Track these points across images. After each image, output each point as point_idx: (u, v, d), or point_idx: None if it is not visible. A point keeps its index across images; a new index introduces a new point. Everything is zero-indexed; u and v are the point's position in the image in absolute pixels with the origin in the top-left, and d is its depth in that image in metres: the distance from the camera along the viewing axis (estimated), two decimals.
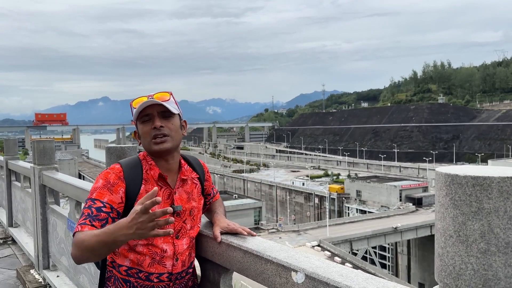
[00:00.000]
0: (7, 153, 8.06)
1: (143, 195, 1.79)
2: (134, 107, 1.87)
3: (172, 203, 1.88)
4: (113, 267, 1.89)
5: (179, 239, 1.90)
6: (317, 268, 1.52)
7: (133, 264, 1.84)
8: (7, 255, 6.78)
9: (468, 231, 1.08)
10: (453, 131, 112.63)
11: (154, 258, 1.84)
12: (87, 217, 1.69)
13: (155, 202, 1.44)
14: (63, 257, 4.71)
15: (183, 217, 1.93)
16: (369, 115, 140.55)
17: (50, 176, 5.14)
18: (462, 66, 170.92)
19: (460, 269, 1.10)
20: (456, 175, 1.10)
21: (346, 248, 44.76)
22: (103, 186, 1.77)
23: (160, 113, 1.85)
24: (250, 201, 56.76)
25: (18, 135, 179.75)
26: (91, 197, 1.75)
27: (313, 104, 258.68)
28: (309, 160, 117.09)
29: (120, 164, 1.87)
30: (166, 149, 1.86)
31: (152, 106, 1.84)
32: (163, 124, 1.84)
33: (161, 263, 1.85)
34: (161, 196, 1.85)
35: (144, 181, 1.85)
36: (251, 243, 1.86)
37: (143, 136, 1.88)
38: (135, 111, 1.85)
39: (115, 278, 1.87)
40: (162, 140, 1.84)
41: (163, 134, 1.84)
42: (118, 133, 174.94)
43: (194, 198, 1.99)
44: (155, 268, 1.85)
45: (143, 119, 1.86)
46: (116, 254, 1.87)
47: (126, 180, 1.81)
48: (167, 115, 1.87)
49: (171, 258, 1.87)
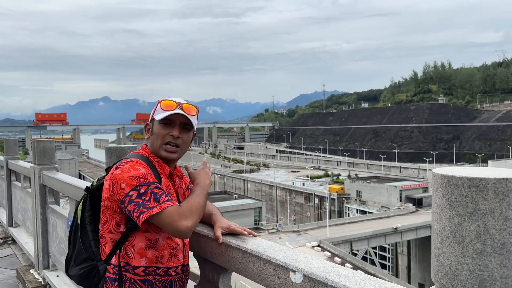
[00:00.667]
0: (7, 153, 8.07)
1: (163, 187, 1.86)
2: (162, 109, 1.91)
3: (177, 198, 1.99)
4: (127, 270, 1.83)
5: None
6: (315, 268, 1.53)
7: (150, 262, 1.83)
8: (7, 254, 6.79)
9: (464, 232, 1.09)
10: (454, 131, 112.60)
11: (172, 253, 1.90)
12: (165, 194, 1.77)
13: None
14: (63, 257, 4.71)
15: None
16: (369, 116, 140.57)
17: (50, 176, 5.14)
18: (463, 66, 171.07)
19: (456, 269, 1.11)
20: (452, 176, 1.11)
21: (346, 249, 44.77)
22: (149, 172, 1.82)
23: (182, 123, 1.93)
24: (250, 201, 56.76)
25: (18, 135, 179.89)
26: (148, 181, 1.76)
27: (314, 104, 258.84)
28: (309, 161, 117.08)
29: (139, 159, 1.89)
30: (172, 159, 1.95)
31: (178, 115, 1.91)
32: (180, 135, 1.92)
33: (176, 257, 1.92)
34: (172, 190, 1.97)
35: (162, 175, 1.93)
36: (250, 244, 1.87)
37: (157, 136, 1.93)
38: (162, 112, 1.90)
39: (130, 281, 1.82)
40: (173, 150, 1.93)
41: (176, 144, 1.93)
42: (119, 133, 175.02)
43: (186, 192, 2.11)
44: (173, 262, 1.91)
45: (165, 121, 1.92)
46: (130, 256, 1.83)
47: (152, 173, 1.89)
48: (187, 127, 1.96)
49: (182, 250, 1.96)
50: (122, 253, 1.83)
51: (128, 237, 1.83)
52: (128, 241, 1.83)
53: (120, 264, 1.83)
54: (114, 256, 1.84)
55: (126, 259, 1.83)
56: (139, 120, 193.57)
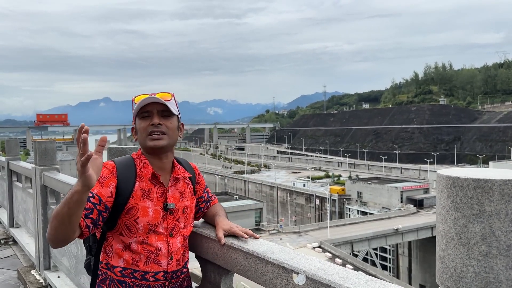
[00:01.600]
0: (9, 154, 8.07)
1: (137, 192, 1.84)
2: (136, 103, 1.91)
3: (165, 201, 1.90)
4: (108, 268, 1.88)
5: (173, 237, 1.92)
6: (318, 270, 1.52)
7: (127, 264, 1.85)
8: (8, 255, 6.79)
9: (469, 234, 1.08)
10: (455, 132, 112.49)
11: (149, 257, 1.85)
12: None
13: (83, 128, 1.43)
14: (64, 258, 4.72)
15: (176, 215, 1.95)
16: (370, 116, 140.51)
17: (52, 176, 5.14)
18: (464, 67, 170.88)
19: (462, 271, 1.10)
20: (457, 178, 1.10)
21: (347, 250, 44.74)
22: (102, 180, 1.80)
23: (160, 111, 1.89)
24: (251, 202, 56.79)
25: (19, 135, 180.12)
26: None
27: (314, 105, 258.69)
28: (310, 161, 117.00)
29: (114, 161, 1.90)
30: (161, 145, 1.88)
31: (153, 104, 1.88)
32: (161, 122, 1.88)
33: (156, 262, 1.86)
34: (155, 194, 1.88)
35: (138, 178, 1.88)
36: (252, 245, 1.86)
37: (140, 131, 1.90)
38: (136, 106, 1.89)
39: (111, 279, 1.87)
40: (158, 137, 1.87)
41: (160, 131, 1.87)
42: (120, 134, 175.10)
43: (186, 197, 2.02)
44: (151, 267, 1.85)
45: (143, 115, 1.90)
46: (109, 255, 1.87)
47: (118, 176, 1.84)
48: (166, 114, 1.91)
49: (165, 256, 1.88)
50: (103, 251, 1.90)
51: (106, 236, 1.89)
52: (107, 240, 1.89)
53: (103, 262, 1.90)
54: (102, 253, 1.91)
55: (107, 257, 1.89)
56: None
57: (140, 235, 1.84)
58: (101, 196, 1.76)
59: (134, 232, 1.83)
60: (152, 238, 1.85)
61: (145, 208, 1.84)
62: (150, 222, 1.85)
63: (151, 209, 1.86)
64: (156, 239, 1.86)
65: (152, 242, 1.85)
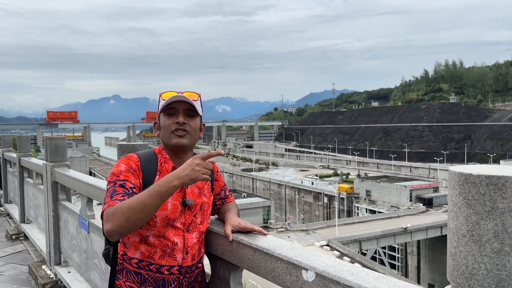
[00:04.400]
0: (20, 150, 8.16)
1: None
2: (163, 99, 1.93)
3: (184, 196, 1.94)
4: (124, 260, 1.93)
5: (189, 232, 1.95)
6: (328, 266, 1.52)
7: (143, 257, 1.89)
8: (20, 250, 6.88)
9: (481, 231, 1.07)
10: (465, 131, 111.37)
11: (165, 251, 1.89)
12: (125, 195, 1.74)
13: (220, 153, 1.82)
14: (74, 253, 4.76)
15: (194, 211, 1.98)
16: (379, 115, 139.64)
17: (62, 173, 5.19)
18: (474, 65, 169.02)
19: (473, 268, 1.09)
20: (470, 174, 1.09)
21: (355, 248, 44.57)
22: (127, 170, 1.84)
23: (185, 110, 1.93)
24: (259, 200, 56.80)
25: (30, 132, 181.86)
26: (119, 178, 1.80)
27: (323, 103, 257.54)
28: (318, 159, 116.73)
29: (138, 155, 1.94)
30: (183, 144, 1.93)
31: (180, 102, 1.91)
32: (186, 121, 1.92)
33: (171, 256, 1.90)
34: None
35: (159, 172, 1.92)
36: (261, 241, 1.87)
37: (164, 128, 1.94)
38: (163, 102, 1.92)
39: (127, 270, 1.92)
40: (181, 134, 1.91)
41: (184, 129, 1.91)
42: (129, 131, 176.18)
43: (205, 193, 2.05)
44: (166, 260, 1.89)
45: (168, 111, 1.93)
46: (127, 247, 1.92)
47: (142, 169, 1.88)
48: (191, 113, 1.94)
49: (181, 251, 1.92)
50: (121, 242, 1.94)
51: None
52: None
53: (120, 253, 1.95)
54: (120, 244, 1.95)
55: (124, 249, 1.93)
56: (149, 119, 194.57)
57: (158, 228, 1.88)
58: (137, 185, 1.83)
59: (152, 225, 1.87)
60: (169, 232, 1.89)
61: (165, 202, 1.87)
62: (168, 216, 1.89)
63: (170, 203, 1.89)
64: (173, 233, 1.90)
65: (169, 236, 1.89)
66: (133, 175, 1.83)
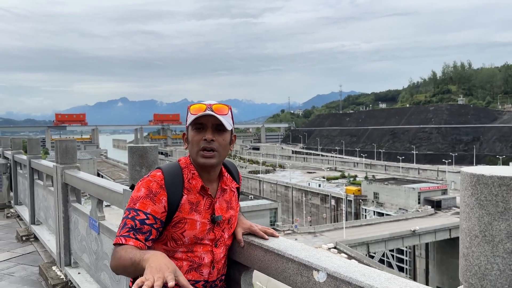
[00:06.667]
0: (30, 153, 8.24)
1: (185, 205, 1.81)
2: (192, 113, 1.84)
3: (212, 213, 1.88)
4: None
5: (217, 247, 1.91)
6: (339, 267, 1.52)
7: None
8: (30, 251, 6.94)
9: (494, 231, 1.07)
10: (474, 133, 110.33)
11: (192, 266, 1.85)
12: (131, 230, 1.68)
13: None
14: (84, 254, 4.80)
15: (222, 226, 1.93)
16: (387, 116, 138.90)
17: (72, 174, 5.24)
18: (483, 66, 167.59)
19: (486, 269, 1.09)
20: (482, 175, 1.09)
21: (363, 251, 44.33)
22: (145, 196, 1.75)
23: (214, 125, 1.83)
24: (265, 202, 56.76)
25: (39, 134, 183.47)
26: (134, 207, 1.73)
27: (330, 105, 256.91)
28: (325, 162, 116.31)
29: (162, 171, 1.84)
30: (211, 164, 1.85)
31: (208, 117, 1.82)
32: (214, 138, 1.83)
33: (198, 271, 1.86)
34: (202, 206, 1.86)
35: (186, 191, 1.84)
36: (272, 242, 1.88)
37: (192, 143, 1.86)
38: (191, 117, 1.83)
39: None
40: (209, 155, 1.83)
41: (211, 148, 1.83)
42: (136, 133, 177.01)
43: (232, 206, 2.00)
44: (192, 275, 1.85)
45: (196, 126, 1.84)
46: None
47: (167, 188, 1.79)
48: (220, 128, 1.85)
49: (208, 266, 1.88)
50: None
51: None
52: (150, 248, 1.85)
53: None
54: None
55: None
56: (156, 121, 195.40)
57: (186, 246, 1.84)
58: (156, 214, 1.73)
59: (180, 245, 1.83)
60: (197, 247, 1.85)
61: (193, 222, 1.82)
62: (197, 236, 1.84)
63: (199, 222, 1.84)
64: (201, 249, 1.86)
65: (197, 251, 1.85)
66: (152, 201, 1.74)
